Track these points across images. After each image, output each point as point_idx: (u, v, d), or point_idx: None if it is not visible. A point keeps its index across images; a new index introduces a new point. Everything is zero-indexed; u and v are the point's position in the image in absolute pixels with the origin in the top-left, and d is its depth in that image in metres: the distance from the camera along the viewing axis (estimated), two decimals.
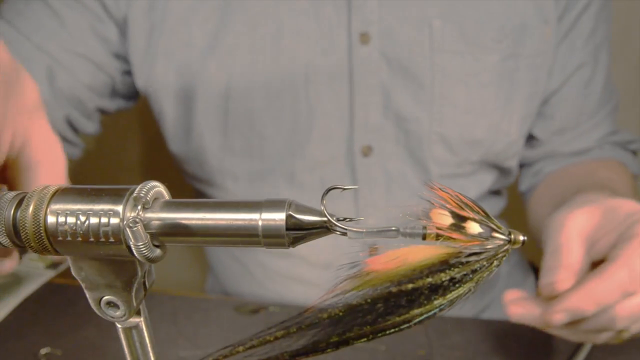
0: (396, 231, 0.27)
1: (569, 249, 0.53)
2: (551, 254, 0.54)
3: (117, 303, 0.32)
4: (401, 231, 0.27)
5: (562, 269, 0.52)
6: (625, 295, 0.49)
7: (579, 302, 0.49)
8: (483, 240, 0.26)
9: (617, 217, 0.53)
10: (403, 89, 0.73)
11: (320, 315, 0.29)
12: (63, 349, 0.62)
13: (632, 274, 0.48)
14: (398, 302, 0.28)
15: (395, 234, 0.27)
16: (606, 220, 0.54)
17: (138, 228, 0.28)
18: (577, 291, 0.49)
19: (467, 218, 0.27)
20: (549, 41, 0.76)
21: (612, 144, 0.85)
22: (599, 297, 0.48)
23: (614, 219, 0.53)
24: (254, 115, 0.74)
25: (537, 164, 0.87)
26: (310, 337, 0.29)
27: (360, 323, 0.29)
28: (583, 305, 0.48)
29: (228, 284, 0.90)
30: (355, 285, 0.28)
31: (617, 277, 0.48)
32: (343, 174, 0.77)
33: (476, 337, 0.64)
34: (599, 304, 0.48)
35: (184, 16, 0.72)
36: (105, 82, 0.77)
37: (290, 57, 0.72)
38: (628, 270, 0.48)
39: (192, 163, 0.81)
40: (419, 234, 0.27)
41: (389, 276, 0.28)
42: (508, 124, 0.77)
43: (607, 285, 0.48)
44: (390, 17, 0.72)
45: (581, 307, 0.49)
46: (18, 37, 0.72)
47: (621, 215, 0.53)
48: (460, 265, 0.27)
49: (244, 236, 0.29)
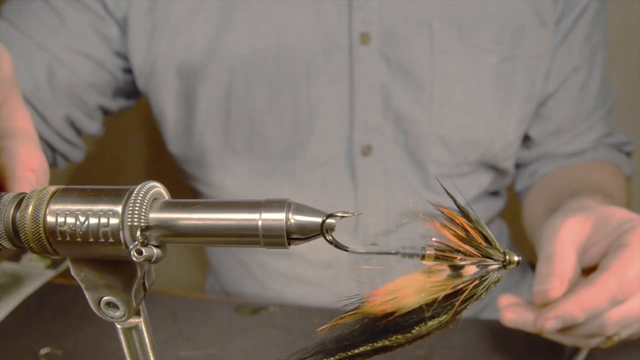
0: (396, 253, 0.28)
1: (562, 257, 0.55)
2: (544, 262, 0.55)
3: (117, 303, 0.32)
4: (401, 252, 0.27)
5: (554, 277, 0.53)
6: (615, 303, 0.51)
7: (570, 310, 0.50)
8: (479, 263, 0.27)
9: (609, 226, 0.55)
10: (403, 90, 0.73)
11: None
12: (63, 349, 0.62)
13: (621, 282, 0.50)
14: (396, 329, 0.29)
15: (395, 251, 0.28)
16: (598, 229, 0.55)
17: (144, 255, 0.28)
18: (569, 299, 0.51)
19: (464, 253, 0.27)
20: (546, 44, 0.76)
21: (606, 145, 0.86)
22: (589, 304, 0.50)
23: (605, 227, 0.55)
24: (255, 114, 0.74)
25: (532, 164, 0.88)
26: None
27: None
28: (574, 312, 0.50)
29: (228, 283, 0.90)
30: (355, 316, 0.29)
31: (607, 286, 0.50)
32: (343, 174, 0.77)
33: (476, 337, 0.64)
34: (589, 312, 0.50)
35: (186, 17, 0.73)
36: (106, 79, 0.77)
37: (291, 57, 0.72)
38: (617, 279, 0.50)
39: (192, 163, 0.81)
40: (419, 255, 0.27)
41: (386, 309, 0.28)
42: (506, 125, 0.77)
43: (597, 293, 0.50)
44: (391, 17, 0.72)
45: (572, 314, 0.50)
46: (18, 35, 0.72)
47: (613, 223, 0.55)
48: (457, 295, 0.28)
49: (243, 236, 0.29)
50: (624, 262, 0.51)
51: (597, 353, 0.60)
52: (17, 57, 0.71)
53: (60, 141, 0.76)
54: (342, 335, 0.29)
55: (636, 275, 0.50)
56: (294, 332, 0.65)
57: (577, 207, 0.62)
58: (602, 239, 0.54)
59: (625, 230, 0.53)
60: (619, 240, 0.53)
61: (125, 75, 0.79)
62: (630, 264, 0.50)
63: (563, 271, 0.54)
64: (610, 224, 0.55)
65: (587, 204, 0.66)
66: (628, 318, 0.52)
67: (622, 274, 0.50)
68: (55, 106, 0.73)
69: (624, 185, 0.81)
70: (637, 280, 0.50)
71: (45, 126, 0.74)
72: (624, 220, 0.54)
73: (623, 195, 0.77)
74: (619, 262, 0.51)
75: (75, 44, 0.73)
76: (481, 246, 0.27)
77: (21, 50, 0.71)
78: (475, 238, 0.27)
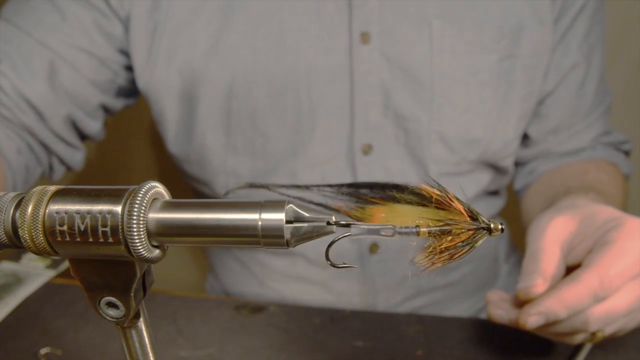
0: (392, 229, 0.30)
1: (546, 255, 0.55)
2: (529, 259, 0.56)
3: (117, 303, 0.32)
4: (397, 230, 0.30)
5: (538, 274, 0.54)
6: (597, 300, 0.51)
7: (552, 306, 0.51)
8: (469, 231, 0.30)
9: (595, 224, 0.55)
10: (403, 88, 0.74)
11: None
12: (63, 349, 0.62)
13: (603, 279, 0.50)
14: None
15: (392, 231, 0.30)
16: (584, 227, 0.56)
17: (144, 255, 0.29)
18: (551, 295, 0.51)
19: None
20: (545, 43, 0.77)
21: (604, 144, 0.86)
22: (571, 301, 0.51)
23: (591, 225, 0.55)
24: (256, 114, 0.74)
25: (531, 163, 0.88)
26: None
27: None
28: (556, 308, 0.51)
29: (228, 282, 0.91)
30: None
31: (589, 283, 0.50)
32: (344, 172, 0.77)
33: (475, 337, 0.64)
34: (571, 308, 0.51)
35: (187, 17, 0.73)
36: (109, 77, 0.77)
37: (292, 57, 0.72)
38: (599, 276, 0.50)
39: (193, 163, 0.81)
40: (413, 232, 0.29)
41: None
42: (505, 124, 0.77)
43: (579, 290, 0.50)
44: (391, 17, 0.72)
45: (554, 310, 0.51)
46: (18, 33, 0.72)
47: (598, 222, 0.55)
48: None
49: (243, 236, 0.29)
50: (607, 260, 0.51)
51: (597, 353, 0.60)
52: (17, 54, 0.71)
53: (58, 142, 0.76)
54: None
55: (619, 272, 0.50)
56: (294, 332, 0.65)
57: (566, 206, 0.63)
58: (587, 237, 0.55)
59: (609, 228, 0.54)
60: (603, 238, 0.53)
61: (127, 73, 0.79)
62: (614, 261, 0.51)
63: (547, 268, 0.54)
64: (595, 223, 0.55)
65: (578, 202, 0.66)
66: (611, 314, 0.52)
67: (605, 271, 0.50)
68: (56, 105, 0.73)
69: (620, 184, 0.81)
70: (620, 277, 0.50)
71: (43, 126, 0.73)
72: (609, 219, 0.55)
73: (619, 194, 0.77)
74: (603, 259, 0.51)
75: (78, 41, 0.73)
76: (468, 220, 0.30)
77: (21, 47, 0.71)
78: (463, 214, 0.30)
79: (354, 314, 0.68)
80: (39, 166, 0.76)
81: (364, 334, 0.64)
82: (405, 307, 0.83)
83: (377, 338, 0.64)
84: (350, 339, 0.64)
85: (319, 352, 0.61)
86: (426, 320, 0.66)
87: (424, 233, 0.30)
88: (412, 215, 0.31)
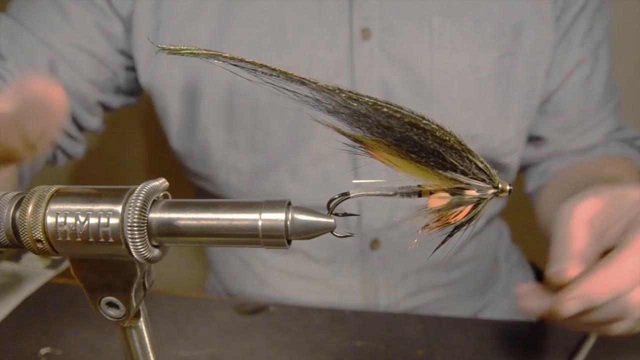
0: (394, 194, 0.29)
1: (576, 236, 0.52)
2: (560, 242, 0.53)
3: (117, 303, 0.32)
4: (398, 190, 0.29)
5: (571, 257, 0.51)
6: (638, 282, 0.47)
7: (590, 289, 0.47)
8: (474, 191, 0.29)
9: (626, 205, 0.52)
10: (403, 85, 0.74)
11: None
12: (63, 349, 0.62)
13: None
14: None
15: (393, 192, 0.29)
16: (614, 209, 0.53)
17: (144, 255, 0.29)
18: (589, 278, 0.47)
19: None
20: (546, 40, 0.76)
21: (617, 140, 0.85)
22: (611, 283, 0.46)
23: (622, 206, 0.52)
24: (257, 110, 0.75)
25: (543, 163, 0.87)
26: None
27: None
28: (595, 292, 0.47)
29: (229, 281, 0.91)
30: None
31: (629, 263, 0.47)
32: (345, 168, 0.77)
33: (475, 337, 0.64)
34: (612, 291, 0.47)
35: (189, 13, 0.73)
36: (108, 77, 0.78)
37: (293, 53, 0.72)
38: (639, 256, 0.47)
39: (195, 159, 0.82)
40: (415, 192, 0.29)
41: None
42: (505, 121, 0.77)
43: (619, 271, 0.47)
44: (391, 13, 0.72)
45: (594, 293, 0.47)
46: (22, 31, 0.73)
47: (629, 202, 0.52)
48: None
49: (243, 236, 0.29)
50: None
51: (597, 353, 0.60)
52: (21, 52, 0.72)
53: (61, 135, 0.77)
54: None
55: None
56: (294, 332, 0.65)
57: (591, 191, 0.58)
58: (619, 218, 0.52)
59: None
60: (638, 218, 0.50)
61: (127, 72, 0.80)
62: None
63: (578, 250, 0.51)
64: (626, 203, 0.52)
65: (602, 189, 0.62)
66: None
67: None
68: None
69: (637, 180, 0.79)
70: None
71: None
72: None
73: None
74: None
75: (79, 41, 0.74)
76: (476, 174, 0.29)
77: (24, 45, 0.72)
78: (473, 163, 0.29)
79: (354, 314, 0.68)
80: (43, 156, 0.77)
81: (364, 334, 0.64)
82: (406, 304, 0.83)
83: (377, 338, 0.64)
84: (350, 339, 0.64)
85: (319, 352, 0.61)
86: (426, 320, 0.66)
87: (426, 192, 0.28)
88: (422, 175, 0.29)
